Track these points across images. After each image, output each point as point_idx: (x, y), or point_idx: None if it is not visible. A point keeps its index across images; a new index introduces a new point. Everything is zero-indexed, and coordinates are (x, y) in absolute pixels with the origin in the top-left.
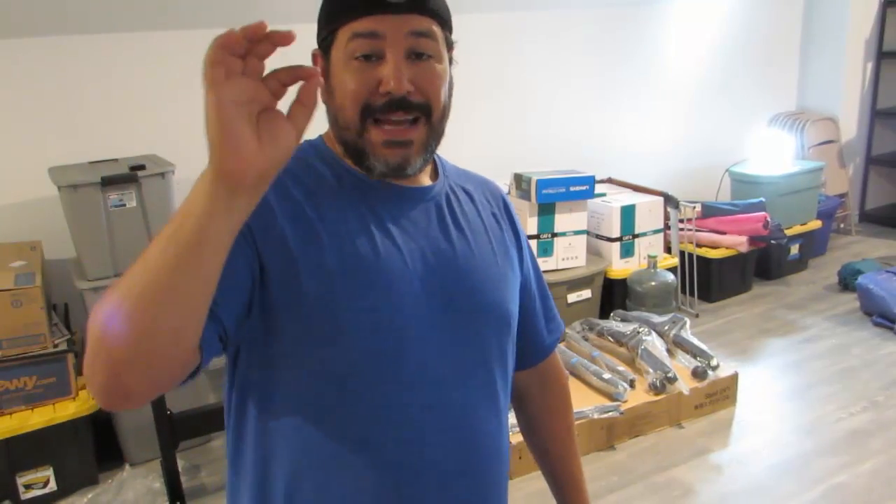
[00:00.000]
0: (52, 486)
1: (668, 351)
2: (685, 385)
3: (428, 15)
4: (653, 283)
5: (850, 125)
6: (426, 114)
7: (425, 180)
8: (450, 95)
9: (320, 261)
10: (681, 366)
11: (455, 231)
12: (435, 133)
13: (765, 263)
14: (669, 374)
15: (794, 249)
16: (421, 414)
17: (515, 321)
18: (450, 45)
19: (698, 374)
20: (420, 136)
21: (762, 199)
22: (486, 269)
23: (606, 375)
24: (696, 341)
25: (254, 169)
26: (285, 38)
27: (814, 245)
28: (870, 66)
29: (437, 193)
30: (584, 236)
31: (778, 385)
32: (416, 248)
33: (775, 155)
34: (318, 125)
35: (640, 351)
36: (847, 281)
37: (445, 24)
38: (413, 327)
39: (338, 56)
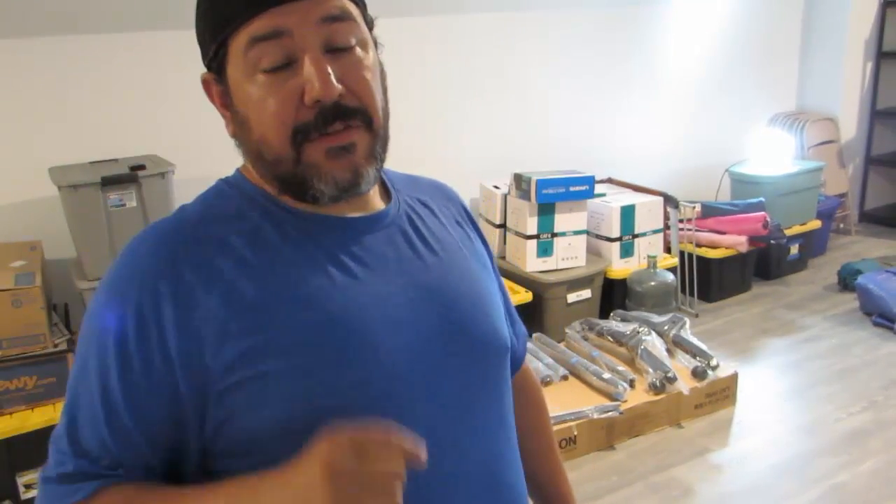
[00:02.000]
0: None
1: (668, 351)
2: (685, 385)
3: None
4: (652, 283)
5: (850, 125)
6: (364, 119)
7: (378, 202)
8: (384, 89)
9: (279, 347)
10: (680, 366)
11: (429, 256)
12: (379, 138)
13: (764, 263)
14: (669, 374)
15: (794, 249)
16: (438, 485)
17: (510, 341)
18: (370, 24)
19: (698, 373)
20: (363, 140)
21: (762, 199)
22: (475, 293)
23: (606, 375)
24: (695, 341)
25: None
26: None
27: (813, 245)
28: (869, 66)
29: (395, 215)
30: (584, 236)
31: (778, 385)
32: (395, 289)
33: (775, 155)
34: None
35: (639, 351)
36: (847, 281)
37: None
38: (414, 387)
39: (237, 74)
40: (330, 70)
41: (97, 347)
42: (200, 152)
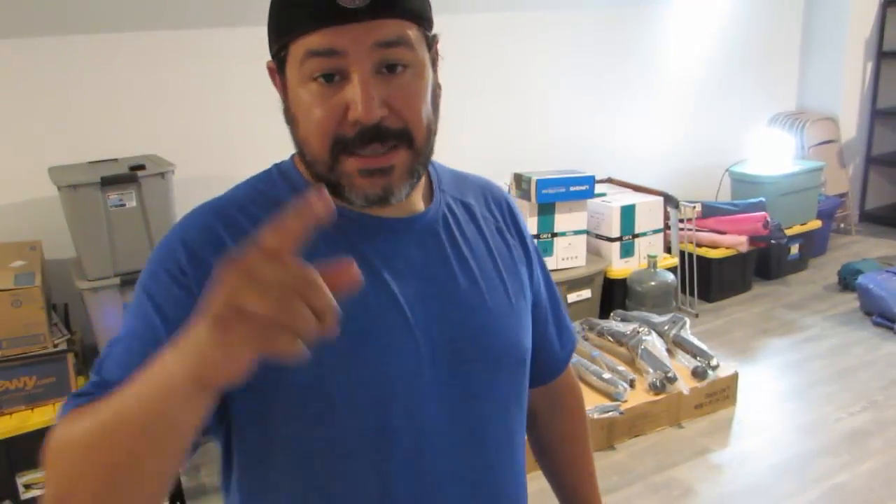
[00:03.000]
0: None
1: (668, 351)
2: (685, 385)
3: (398, 16)
4: (653, 283)
5: (850, 125)
6: (406, 140)
7: (418, 203)
8: (436, 107)
9: None
10: (681, 365)
11: (457, 263)
12: (420, 156)
13: (765, 263)
14: (669, 374)
15: (794, 249)
16: (435, 488)
17: (530, 353)
18: (430, 44)
19: (698, 373)
20: (402, 161)
21: (762, 198)
22: (496, 305)
23: (606, 375)
24: (695, 341)
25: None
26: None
27: (814, 245)
28: (870, 65)
29: (432, 219)
30: (584, 236)
31: (778, 385)
32: (414, 293)
33: (775, 155)
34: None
35: (639, 351)
36: (847, 281)
37: (422, 21)
38: (417, 392)
39: (293, 75)
40: (374, 94)
41: (139, 300)
42: (200, 152)
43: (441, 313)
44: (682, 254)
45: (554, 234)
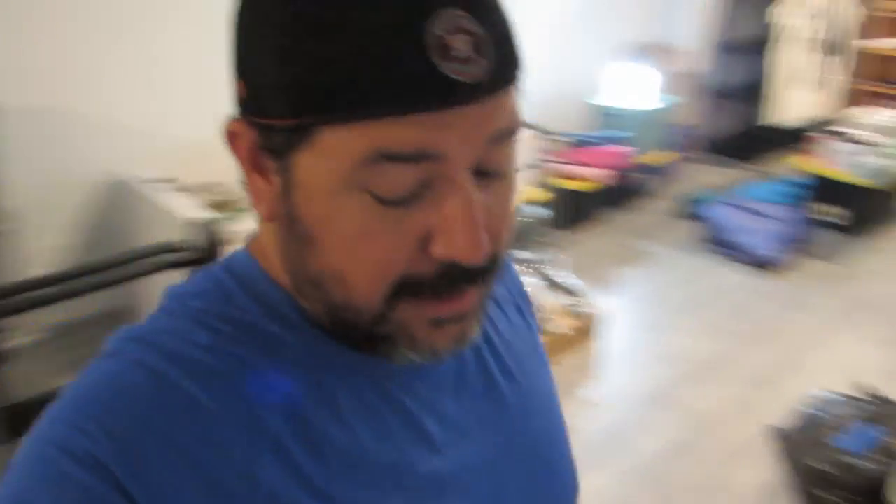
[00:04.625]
0: None
1: (539, 287)
2: (557, 321)
3: (511, 81)
4: (522, 219)
5: (699, 57)
6: (490, 273)
7: None
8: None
9: None
10: (551, 301)
11: (505, 382)
12: (495, 282)
13: (623, 195)
14: (541, 312)
15: (649, 180)
16: None
17: None
18: None
19: (567, 309)
20: (477, 299)
21: (620, 131)
22: (553, 424)
23: None
24: (563, 276)
25: None
26: None
27: (667, 175)
28: None
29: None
30: None
31: (638, 316)
32: (479, 451)
33: (632, 88)
34: None
35: None
36: (691, 210)
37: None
38: None
39: (321, 174)
40: (481, 218)
41: None
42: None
43: (511, 466)
44: (548, 187)
45: None
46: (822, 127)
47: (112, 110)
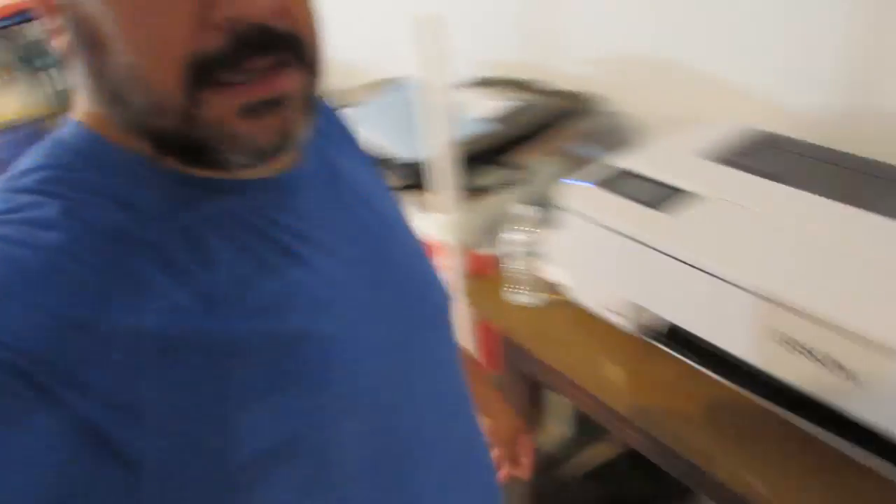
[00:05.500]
0: None
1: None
2: None
3: None
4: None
5: None
6: (295, 50)
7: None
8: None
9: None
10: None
11: (359, 205)
12: (315, 76)
13: None
14: None
15: None
16: (426, 464)
17: None
18: None
19: None
20: (296, 86)
21: None
22: (410, 243)
23: None
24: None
25: None
26: None
27: None
28: None
29: (319, 161)
30: None
31: None
32: (346, 267)
33: None
34: None
35: None
36: None
37: None
38: (395, 393)
39: None
40: None
41: None
42: None
43: (379, 282)
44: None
45: None
46: None
47: None
